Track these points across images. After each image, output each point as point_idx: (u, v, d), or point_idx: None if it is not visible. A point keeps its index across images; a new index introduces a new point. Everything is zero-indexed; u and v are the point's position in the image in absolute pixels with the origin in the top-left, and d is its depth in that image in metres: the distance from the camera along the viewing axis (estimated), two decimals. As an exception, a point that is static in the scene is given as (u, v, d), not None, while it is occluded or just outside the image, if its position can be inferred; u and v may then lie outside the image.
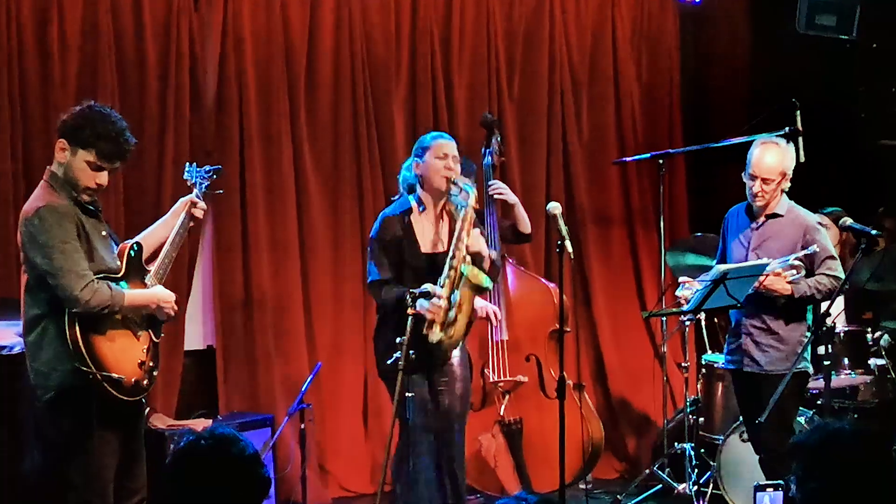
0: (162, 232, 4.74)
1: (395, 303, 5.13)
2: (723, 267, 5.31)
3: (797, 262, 5.35)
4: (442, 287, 5.07)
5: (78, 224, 4.33)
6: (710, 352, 6.84)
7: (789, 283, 5.35)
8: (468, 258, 5.13)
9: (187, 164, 4.94)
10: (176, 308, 4.57)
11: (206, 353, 6.75)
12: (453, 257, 5.12)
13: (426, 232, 5.26)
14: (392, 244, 5.23)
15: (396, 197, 5.48)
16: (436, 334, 5.04)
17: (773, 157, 5.43)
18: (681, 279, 5.69)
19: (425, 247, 5.23)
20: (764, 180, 5.42)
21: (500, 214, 6.28)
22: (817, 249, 5.37)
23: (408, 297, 4.96)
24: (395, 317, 5.09)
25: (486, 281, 5.11)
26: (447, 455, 5.30)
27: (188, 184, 4.87)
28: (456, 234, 5.15)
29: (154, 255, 4.69)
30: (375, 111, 7.03)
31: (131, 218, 6.27)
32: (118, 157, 4.40)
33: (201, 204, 4.79)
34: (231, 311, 6.66)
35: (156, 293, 4.49)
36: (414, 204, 5.29)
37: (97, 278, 4.29)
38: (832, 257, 5.43)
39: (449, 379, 5.28)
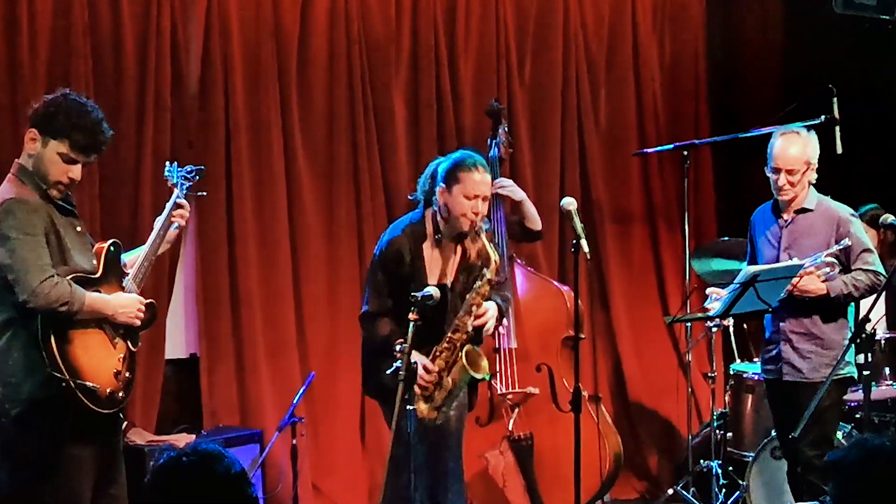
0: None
1: (381, 345, 5.15)
2: (753, 268, 5.31)
3: (830, 259, 5.36)
4: (436, 357, 5.12)
5: (49, 222, 4.32)
6: (738, 360, 6.84)
7: (823, 281, 5.37)
8: (471, 331, 5.16)
9: (167, 162, 4.94)
10: (141, 316, 4.51)
11: (189, 361, 6.75)
12: (456, 330, 5.15)
13: (436, 261, 5.24)
14: (395, 272, 5.20)
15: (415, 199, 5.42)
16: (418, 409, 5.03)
17: (796, 146, 5.46)
18: (708, 290, 5.69)
19: (432, 278, 5.21)
20: (789, 171, 5.44)
21: (507, 210, 6.28)
22: (850, 243, 5.38)
23: (398, 346, 4.95)
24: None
25: (484, 371, 5.16)
26: (441, 473, 5.29)
27: (168, 184, 4.88)
28: (465, 306, 5.15)
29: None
30: (373, 98, 7.03)
31: (107, 214, 6.27)
32: (93, 149, 4.40)
33: (185, 206, 4.80)
34: (216, 317, 6.66)
35: (110, 301, 4.43)
36: (430, 228, 5.24)
37: (70, 279, 4.29)
38: (868, 250, 5.45)
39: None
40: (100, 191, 6.32)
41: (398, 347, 4.88)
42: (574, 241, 5.15)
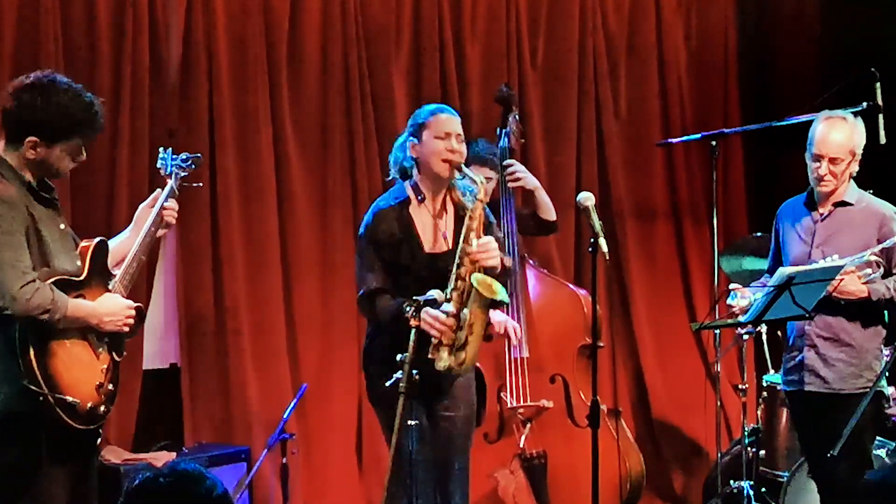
0: (124, 247, 4.74)
1: (391, 318, 5.09)
2: (789, 270, 5.30)
3: (874, 258, 5.36)
4: (448, 301, 5.07)
5: (30, 218, 4.33)
6: (772, 371, 6.83)
7: (864, 283, 5.37)
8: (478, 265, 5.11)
9: (161, 149, 4.94)
10: (130, 322, 4.54)
11: (170, 372, 6.75)
12: (460, 264, 5.10)
13: (427, 227, 5.25)
14: (387, 244, 5.20)
15: (391, 178, 5.44)
16: (443, 360, 5.00)
17: (841, 132, 5.46)
18: (731, 286, 5.69)
19: (427, 245, 5.22)
20: (832, 160, 5.44)
21: (519, 203, 6.29)
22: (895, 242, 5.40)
23: (408, 308, 4.88)
24: (392, 331, 5.05)
25: (501, 293, 5.08)
26: (445, 496, 5.29)
27: (162, 173, 4.88)
28: (463, 235, 5.12)
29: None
30: (371, 83, 7.03)
31: (79, 207, 6.25)
32: (98, 131, 4.54)
33: (174, 205, 4.80)
34: (199, 324, 6.67)
35: (97, 308, 4.45)
36: (411, 193, 5.26)
37: (52, 283, 4.29)
38: None
39: (450, 402, 5.28)
40: (71, 183, 6.30)
41: (398, 357, 4.88)
42: (591, 241, 5.16)
